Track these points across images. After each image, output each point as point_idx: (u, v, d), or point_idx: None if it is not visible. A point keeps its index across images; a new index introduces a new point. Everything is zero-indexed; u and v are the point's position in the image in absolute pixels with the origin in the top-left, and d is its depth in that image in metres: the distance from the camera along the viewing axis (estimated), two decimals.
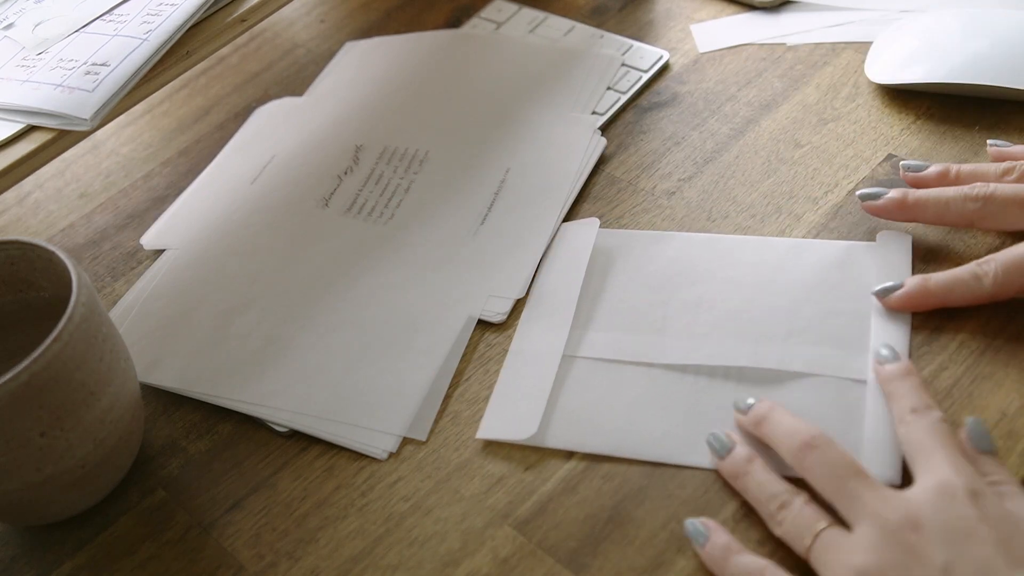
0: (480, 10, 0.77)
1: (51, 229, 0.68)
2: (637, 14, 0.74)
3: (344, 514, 0.50)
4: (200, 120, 0.74)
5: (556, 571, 0.46)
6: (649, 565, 0.45)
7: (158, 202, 0.68)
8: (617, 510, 0.47)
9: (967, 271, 0.50)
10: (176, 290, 0.61)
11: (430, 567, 0.47)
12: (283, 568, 0.48)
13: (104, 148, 0.73)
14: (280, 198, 0.65)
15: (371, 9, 0.81)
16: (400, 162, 0.66)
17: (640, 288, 0.56)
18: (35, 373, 0.44)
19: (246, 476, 0.52)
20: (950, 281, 0.50)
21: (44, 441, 0.46)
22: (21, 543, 0.51)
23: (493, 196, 0.62)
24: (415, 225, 0.62)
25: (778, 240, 0.56)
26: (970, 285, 0.50)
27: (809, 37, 0.69)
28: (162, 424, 0.55)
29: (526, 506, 0.48)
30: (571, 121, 0.66)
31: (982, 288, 0.50)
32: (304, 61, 0.77)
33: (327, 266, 0.60)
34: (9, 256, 0.51)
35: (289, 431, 0.53)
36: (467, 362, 0.55)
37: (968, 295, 0.50)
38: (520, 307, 0.57)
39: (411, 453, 0.51)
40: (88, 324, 0.46)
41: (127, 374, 0.50)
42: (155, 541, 0.50)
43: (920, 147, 0.60)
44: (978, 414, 0.47)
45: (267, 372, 0.55)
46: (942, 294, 0.50)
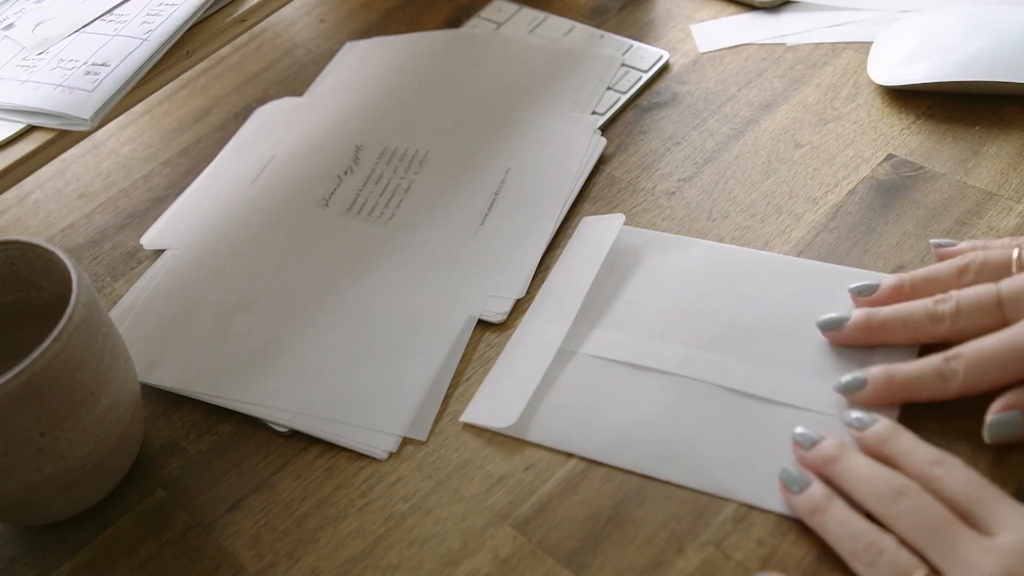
0: (480, 10, 0.77)
1: (51, 229, 0.68)
2: (637, 14, 0.74)
3: (344, 514, 0.50)
4: (200, 120, 0.74)
5: (556, 571, 0.46)
6: (649, 565, 0.45)
7: (158, 202, 0.68)
8: (617, 510, 0.47)
9: (933, 369, 0.46)
10: (176, 290, 0.61)
11: (430, 567, 0.47)
12: (283, 568, 0.48)
13: (104, 148, 0.73)
14: (280, 198, 0.65)
15: (371, 9, 0.81)
16: (400, 162, 0.66)
17: (655, 291, 0.55)
18: (35, 373, 0.44)
19: (246, 476, 0.52)
20: (915, 379, 0.47)
21: (44, 441, 0.46)
22: (21, 543, 0.51)
23: (493, 196, 0.62)
24: (415, 225, 0.62)
25: (802, 262, 0.55)
26: (936, 385, 0.46)
27: (809, 37, 0.69)
28: (162, 424, 0.55)
29: (526, 506, 0.48)
30: (571, 121, 0.66)
31: (948, 389, 0.46)
32: (304, 61, 0.77)
33: (327, 266, 0.60)
34: (9, 256, 0.51)
35: (289, 431, 0.53)
36: (467, 362, 0.55)
37: (935, 394, 0.47)
38: (521, 306, 0.57)
39: (411, 453, 0.51)
40: (88, 324, 0.46)
41: (127, 374, 0.50)
42: (155, 541, 0.50)
43: (920, 147, 0.60)
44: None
45: (267, 372, 0.55)
46: (907, 392, 0.47)
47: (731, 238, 0.58)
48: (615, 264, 0.57)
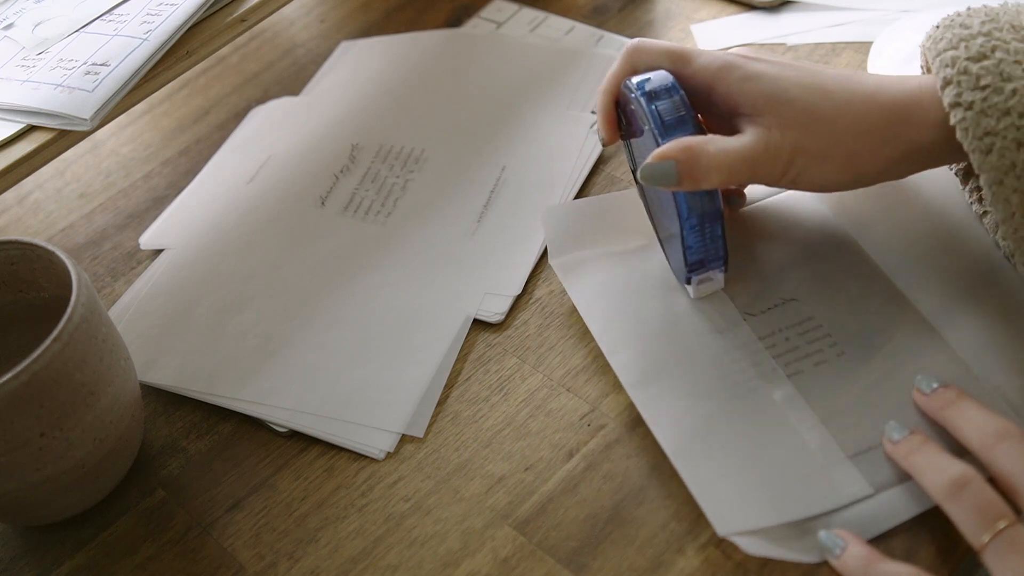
0: (480, 10, 0.77)
1: (51, 229, 0.68)
2: (637, 14, 0.74)
3: (344, 514, 0.50)
4: (200, 120, 0.74)
5: (556, 571, 0.46)
6: (649, 565, 0.45)
7: (158, 202, 0.68)
8: (617, 510, 0.47)
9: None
10: (173, 289, 0.61)
11: (430, 567, 0.47)
12: (283, 568, 0.48)
13: (104, 148, 0.73)
14: (277, 197, 0.65)
15: (371, 9, 0.81)
16: (397, 161, 0.66)
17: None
18: (35, 373, 0.44)
19: (246, 476, 0.52)
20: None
21: (44, 441, 0.46)
22: (21, 543, 0.51)
23: (490, 195, 0.62)
24: (412, 224, 0.62)
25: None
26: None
27: (809, 37, 0.69)
28: (162, 424, 0.55)
29: (526, 506, 0.48)
30: (568, 120, 0.66)
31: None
32: (304, 61, 0.77)
33: (324, 265, 0.60)
34: (9, 256, 0.51)
35: (289, 431, 0.53)
36: (466, 362, 0.55)
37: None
38: (522, 304, 0.57)
39: (411, 453, 0.51)
40: (88, 324, 0.46)
41: (127, 374, 0.50)
42: (155, 541, 0.50)
43: None
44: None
45: (264, 370, 0.55)
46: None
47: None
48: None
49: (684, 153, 0.47)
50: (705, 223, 0.50)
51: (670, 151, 0.47)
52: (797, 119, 0.48)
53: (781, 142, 0.48)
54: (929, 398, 0.47)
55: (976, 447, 0.44)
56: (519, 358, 0.55)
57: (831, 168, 0.49)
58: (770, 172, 0.49)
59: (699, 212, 0.49)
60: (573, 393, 0.52)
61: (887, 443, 0.46)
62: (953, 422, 0.46)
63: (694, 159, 0.47)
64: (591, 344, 0.54)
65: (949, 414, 0.46)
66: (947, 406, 0.46)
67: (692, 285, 0.53)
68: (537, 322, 0.56)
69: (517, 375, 0.54)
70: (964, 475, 0.43)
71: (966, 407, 0.46)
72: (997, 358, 0.49)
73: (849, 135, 0.48)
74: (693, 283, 0.52)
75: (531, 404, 0.52)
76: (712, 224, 0.50)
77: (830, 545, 0.44)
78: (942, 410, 0.46)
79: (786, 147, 0.48)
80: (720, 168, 0.47)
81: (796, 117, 0.48)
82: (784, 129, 0.48)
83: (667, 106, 0.49)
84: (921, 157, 0.49)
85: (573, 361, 0.54)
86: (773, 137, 0.48)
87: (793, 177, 0.49)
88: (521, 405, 0.52)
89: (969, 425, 0.45)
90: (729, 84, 0.49)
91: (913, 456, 0.45)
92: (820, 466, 0.46)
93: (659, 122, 0.49)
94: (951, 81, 0.47)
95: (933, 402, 0.47)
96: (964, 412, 0.45)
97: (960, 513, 0.42)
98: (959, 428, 0.45)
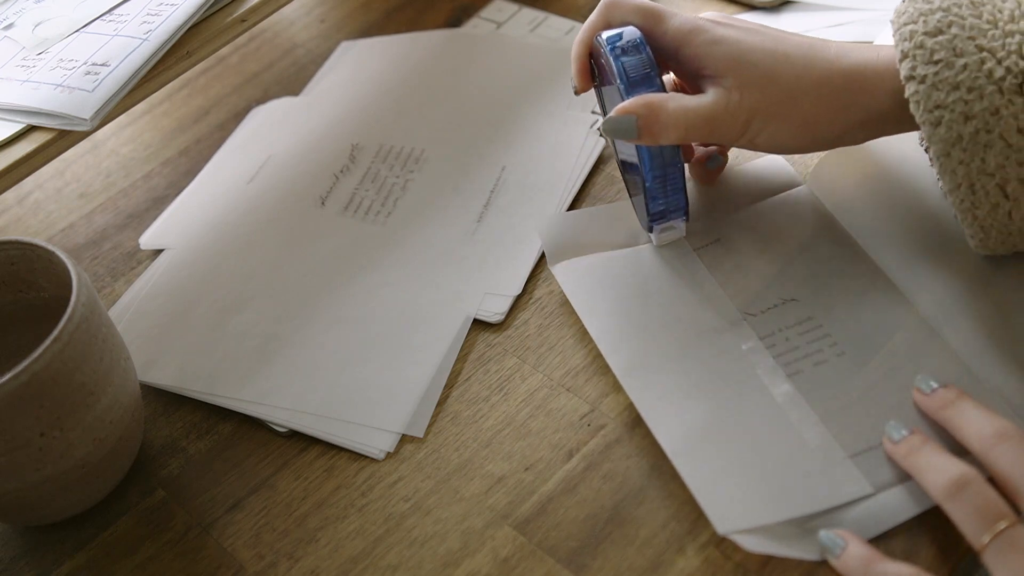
0: (480, 10, 0.77)
1: (51, 229, 0.68)
2: None
3: (344, 514, 0.50)
4: (200, 120, 0.74)
5: (556, 571, 0.46)
6: (649, 565, 0.45)
7: (158, 202, 0.68)
8: (617, 510, 0.47)
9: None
10: (173, 289, 0.61)
11: (430, 567, 0.47)
12: (283, 568, 0.48)
13: (104, 148, 0.73)
14: (277, 197, 0.65)
15: (371, 9, 0.81)
16: (396, 161, 0.66)
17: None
18: (35, 373, 0.44)
19: (246, 476, 0.52)
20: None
21: (44, 441, 0.46)
22: (21, 543, 0.51)
23: (489, 195, 0.62)
24: (412, 224, 0.62)
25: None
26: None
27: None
28: (162, 424, 0.55)
29: (526, 506, 0.48)
30: (568, 120, 0.66)
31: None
32: (304, 61, 0.77)
33: (324, 265, 0.60)
34: (9, 256, 0.51)
35: (289, 431, 0.53)
36: (466, 362, 0.55)
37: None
38: (522, 304, 0.57)
39: (411, 453, 0.51)
40: (88, 324, 0.46)
41: (127, 374, 0.50)
42: (155, 541, 0.50)
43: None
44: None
45: (264, 370, 0.55)
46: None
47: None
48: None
49: (645, 109, 0.49)
50: (668, 175, 0.52)
51: (632, 106, 0.50)
52: (757, 82, 0.50)
53: (740, 103, 0.50)
54: (929, 398, 0.47)
55: (976, 447, 0.44)
56: (519, 358, 0.55)
57: (788, 130, 0.51)
58: (728, 131, 0.51)
59: (661, 164, 0.51)
60: (573, 393, 0.52)
61: (887, 443, 0.46)
62: (953, 422, 0.46)
63: (654, 115, 0.49)
64: (591, 344, 0.54)
65: (949, 414, 0.46)
66: (947, 406, 0.46)
67: (655, 233, 0.55)
68: (537, 322, 0.56)
69: (517, 375, 0.54)
70: (964, 475, 0.43)
71: (966, 407, 0.46)
72: (997, 358, 0.49)
73: (808, 99, 0.50)
74: (656, 231, 0.55)
75: (531, 404, 0.52)
76: (674, 175, 0.52)
77: (830, 545, 0.44)
78: (942, 410, 0.46)
79: (744, 108, 0.50)
80: (678, 125, 0.50)
81: (756, 80, 0.50)
82: (744, 90, 0.50)
83: (634, 62, 0.51)
84: (878, 125, 0.51)
85: (573, 361, 0.54)
86: (732, 98, 0.50)
87: (751, 138, 0.52)
88: (521, 405, 0.52)
89: (969, 425, 0.45)
90: (696, 47, 0.51)
91: (913, 456, 0.45)
92: (820, 465, 0.46)
93: (625, 78, 0.51)
94: (908, 55, 0.48)
95: (933, 402, 0.47)
96: (964, 412, 0.46)
97: (960, 513, 0.42)
98: (959, 428, 0.45)
